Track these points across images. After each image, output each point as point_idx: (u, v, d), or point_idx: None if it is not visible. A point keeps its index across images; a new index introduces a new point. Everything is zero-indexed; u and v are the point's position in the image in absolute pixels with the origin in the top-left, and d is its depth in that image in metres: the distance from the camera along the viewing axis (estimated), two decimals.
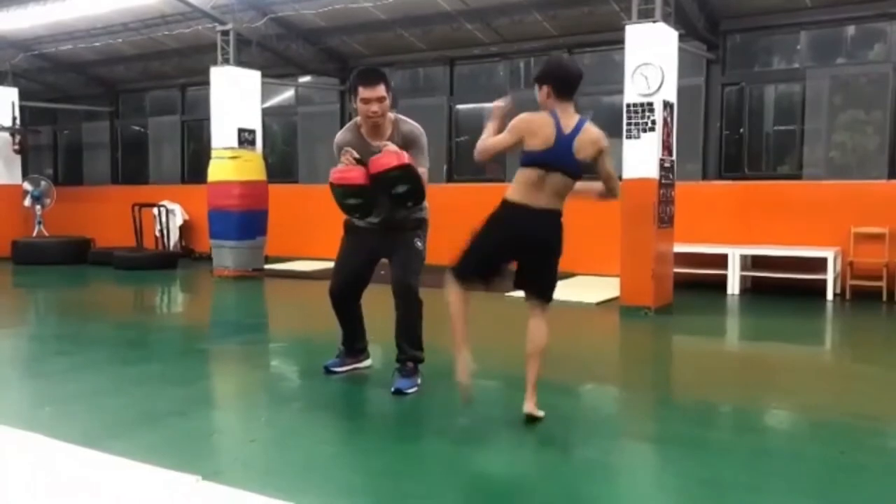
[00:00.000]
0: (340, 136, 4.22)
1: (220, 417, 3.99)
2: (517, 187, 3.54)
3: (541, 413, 3.59)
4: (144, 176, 13.82)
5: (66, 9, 10.40)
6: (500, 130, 3.61)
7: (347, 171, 3.95)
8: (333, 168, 4.03)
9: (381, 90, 3.98)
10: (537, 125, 3.49)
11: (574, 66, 3.68)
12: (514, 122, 3.52)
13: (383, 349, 4.61)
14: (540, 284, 3.66)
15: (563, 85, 3.53)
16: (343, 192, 3.97)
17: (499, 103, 3.72)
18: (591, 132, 3.54)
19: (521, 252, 3.61)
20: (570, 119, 3.51)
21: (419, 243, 4.19)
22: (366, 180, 3.90)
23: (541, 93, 3.57)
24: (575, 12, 9.04)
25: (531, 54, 10.26)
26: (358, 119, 4.18)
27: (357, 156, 3.98)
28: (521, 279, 3.69)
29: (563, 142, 3.46)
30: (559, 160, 3.47)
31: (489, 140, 3.59)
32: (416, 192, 3.99)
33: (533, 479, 2.96)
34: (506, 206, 3.56)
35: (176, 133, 13.47)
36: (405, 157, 3.90)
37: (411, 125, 4.18)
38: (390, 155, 3.88)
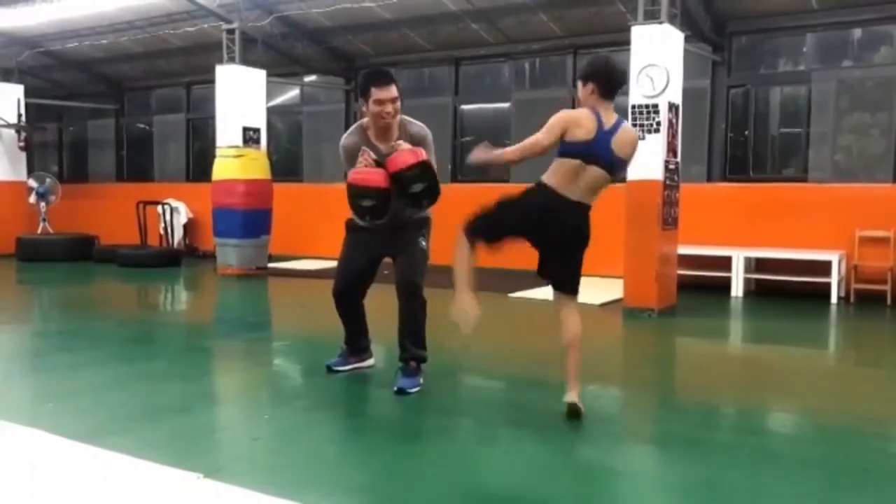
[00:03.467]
0: (347, 139, 4.18)
1: (223, 414, 3.99)
2: (555, 176, 3.55)
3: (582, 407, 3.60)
4: (149, 174, 13.85)
5: (73, 6, 10.44)
6: (503, 157, 3.61)
7: (369, 172, 3.91)
8: (353, 168, 3.99)
9: (394, 91, 3.97)
10: (580, 116, 3.54)
11: (621, 68, 3.73)
12: (554, 120, 3.55)
13: (386, 348, 4.61)
14: (571, 275, 3.70)
15: (609, 85, 3.59)
16: (360, 194, 3.93)
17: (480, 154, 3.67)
18: (630, 132, 3.66)
19: (551, 240, 3.62)
20: (610, 117, 3.58)
21: (423, 242, 4.19)
22: (387, 183, 3.88)
23: (584, 90, 3.61)
24: (581, 13, 9.03)
25: (537, 55, 10.26)
26: (364, 121, 4.15)
27: (374, 157, 3.96)
28: (549, 270, 3.71)
29: (603, 137, 3.52)
30: (598, 154, 3.52)
31: (527, 144, 3.53)
32: (433, 190, 3.96)
33: (535, 479, 2.96)
34: (542, 188, 3.57)
35: (181, 131, 13.49)
36: (422, 154, 3.90)
37: (418, 126, 4.16)
38: (407, 153, 3.87)
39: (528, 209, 3.59)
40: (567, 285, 3.72)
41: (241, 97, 9.68)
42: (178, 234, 12.06)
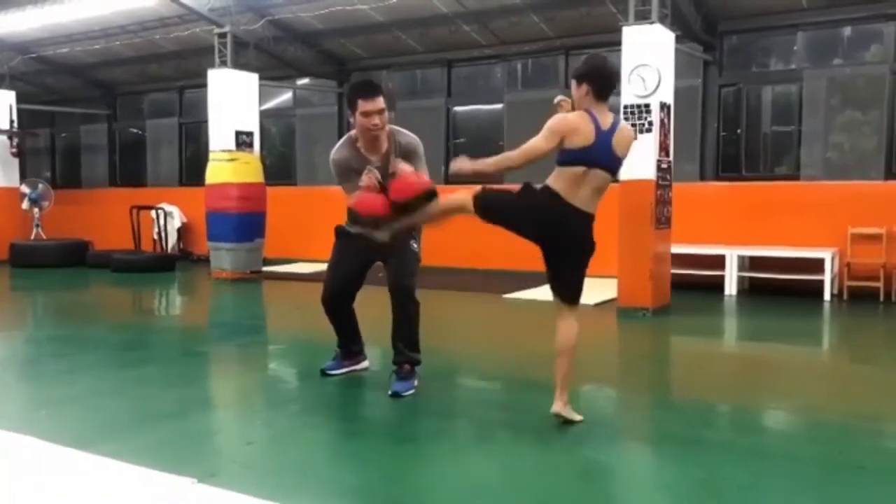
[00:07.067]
0: (337, 153, 4.14)
1: (217, 419, 3.99)
2: (558, 183, 3.50)
3: (578, 417, 3.58)
4: (142, 178, 13.82)
5: (64, 11, 10.41)
6: (490, 168, 3.53)
7: (370, 200, 3.87)
8: (355, 193, 3.95)
9: (380, 102, 3.94)
10: (577, 123, 3.47)
11: (616, 70, 3.71)
12: (551, 125, 3.48)
13: (380, 351, 4.60)
14: (572, 285, 3.66)
15: (604, 86, 3.55)
16: (363, 219, 3.92)
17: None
18: (628, 130, 3.65)
19: (560, 247, 3.58)
20: (606, 117, 3.54)
21: (414, 245, 4.18)
22: (388, 210, 3.83)
23: (579, 90, 3.56)
24: (572, 14, 9.05)
25: (528, 56, 10.28)
26: (353, 133, 4.13)
27: (379, 177, 3.93)
28: (558, 280, 3.67)
29: (603, 139, 3.48)
30: (601, 157, 3.49)
31: (525, 148, 3.47)
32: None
33: (530, 480, 2.96)
34: (549, 193, 3.51)
35: (174, 135, 13.47)
36: (427, 181, 3.86)
37: (408, 136, 4.15)
38: (413, 180, 3.81)
39: (538, 209, 3.54)
40: (571, 296, 3.67)
41: (234, 101, 9.67)
42: (172, 238, 12.04)
